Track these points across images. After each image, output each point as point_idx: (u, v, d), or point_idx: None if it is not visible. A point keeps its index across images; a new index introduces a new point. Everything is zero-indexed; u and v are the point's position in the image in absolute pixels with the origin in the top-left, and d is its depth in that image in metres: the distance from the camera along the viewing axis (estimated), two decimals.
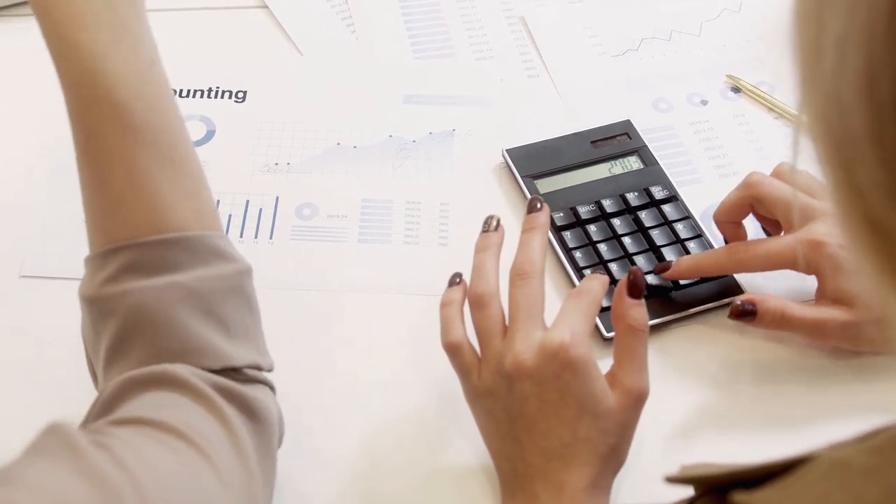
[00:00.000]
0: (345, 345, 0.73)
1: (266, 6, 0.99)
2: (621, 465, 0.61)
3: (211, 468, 0.49)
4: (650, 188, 0.80)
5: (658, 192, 0.79)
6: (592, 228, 0.77)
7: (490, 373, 0.60)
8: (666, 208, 0.79)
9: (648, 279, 0.73)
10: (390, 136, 0.88)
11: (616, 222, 0.78)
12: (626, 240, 0.77)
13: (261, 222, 0.81)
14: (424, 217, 0.81)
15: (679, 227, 0.77)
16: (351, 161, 0.86)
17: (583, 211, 0.78)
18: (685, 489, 0.46)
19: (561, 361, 0.58)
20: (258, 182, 0.84)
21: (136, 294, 0.53)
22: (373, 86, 0.92)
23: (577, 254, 0.76)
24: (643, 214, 0.78)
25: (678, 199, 0.80)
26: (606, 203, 0.79)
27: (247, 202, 0.82)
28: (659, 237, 0.77)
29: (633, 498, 0.64)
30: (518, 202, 0.81)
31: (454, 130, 0.88)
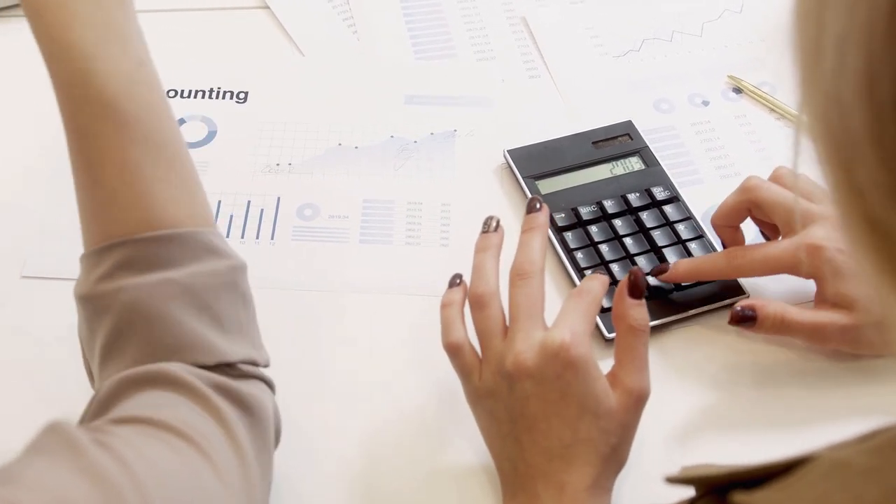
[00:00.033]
0: (346, 345, 0.73)
1: (267, 7, 0.99)
2: (622, 466, 0.61)
3: (211, 467, 0.49)
4: (651, 189, 0.80)
5: (659, 193, 0.79)
6: (594, 229, 0.77)
7: (491, 373, 0.60)
8: (667, 209, 0.79)
9: (649, 280, 0.73)
10: (392, 137, 0.88)
11: (617, 223, 0.78)
12: (628, 240, 0.77)
13: (262, 223, 0.81)
14: (426, 217, 0.81)
15: (680, 228, 0.77)
16: (352, 161, 0.86)
17: (584, 212, 0.78)
18: (686, 490, 0.46)
19: (562, 361, 0.58)
20: (259, 182, 0.84)
21: (130, 291, 0.53)
22: (374, 86, 0.92)
23: (579, 254, 0.76)
24: (644, 215, 0.78)
25: (679, 200, 0.79)
26: (608, 204, 0.79)
27: (248, 203, 0.82)
28: (660, 238, 0.77)
29: (634, 499, 0.64)
30: (519, 203, 0.81)
31: (455, 131, 0.88)
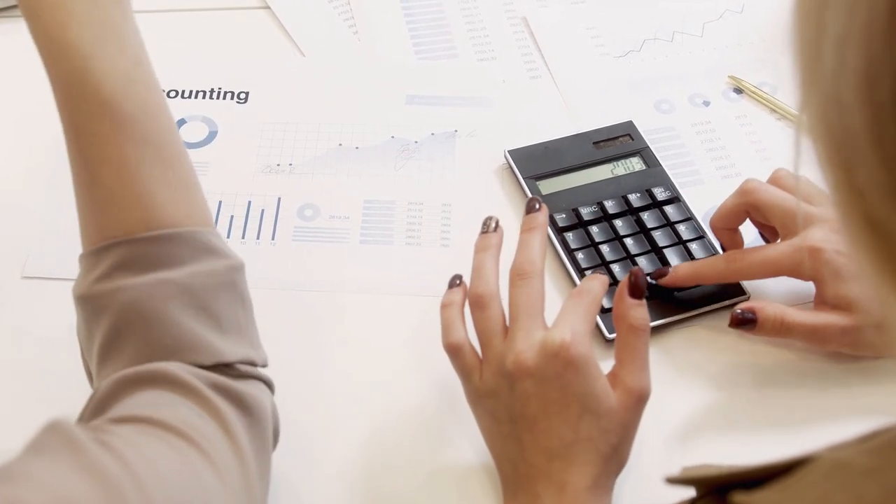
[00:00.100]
0: (346, 345, 0.73)
1: (268, 7, 0.99)
2: (623, 466, 0.61)
3: (210, 466, 0.49)
4: (652, 189, 0.80)
5: (660, 194, 0.79)
6: (594, 230, 0.77)
7: (491, 373, 0.60)
8: (668, 209, 0.78)
9: (650, 280, 0.73)
10: (392, 137, 0.88)
11: (618, 223, 0.78)
12: (629, 241, 0.77)
13: (263, 223, 0.81)
14: (426, 218, 0.81)
15: (681, 229, 0.77)
16: (353, 162, 0.86)
17: (585, 212, 0.78)
18: (687, 490, 0.46)
19: (562, 360, 0.58)
20: (260, 183, 0.84)
21: (128, 291, 0.53)
22: (375, 86, 0.92)
23: (580, 255, 0.76)
24: (645, 216, 0.78)
25: (680, 201, 0.79)
26: (608, 204, 0.78)
27: (249, 203, 0.82)
28: (661, 238, 0.77)
29: (635, 499, 0.64)
30: (520, 203, 0.81)
31: (456, 131, 0.88)
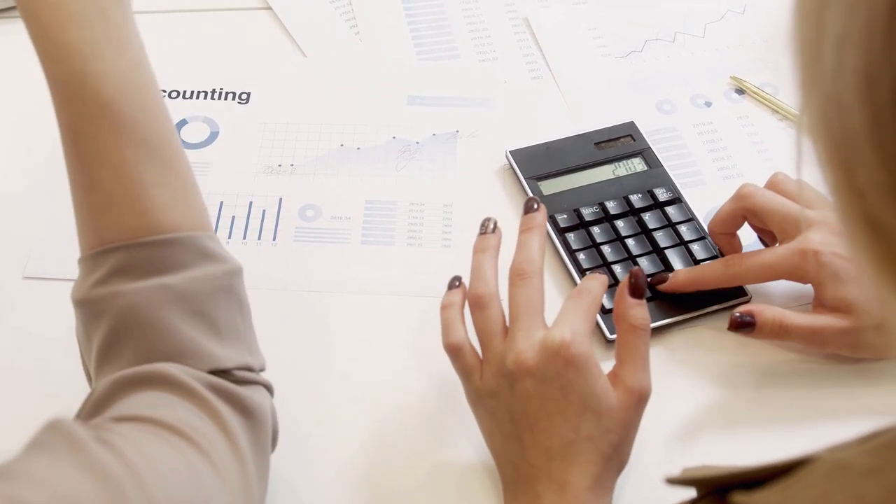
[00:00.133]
0: (347, 346, 0.73)
1: (269, 8, 0.99)
2: (623, 466, 0.60)
3: (210, 465, 0.49)
4: (654, 190, 0.80)
5: (662, 194, 0.79)
6: (596, 230, 0.77)
7: (492, 373, 0.60)
8: (669, 210, 0.78)
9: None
10: (394, 138, 0.88)
11: (619, 224, 0.77)
12: (630, 242, 0.77)
13: (264, 224, 0.81)
14: (428, 218, 0.81)
15: (683, 229, 0.77)
16: (354, 162, 0.86)
17: (586, 213, 0.78)
18: (687, 490, 0.46)
19: (563, 359, 0.58)
20: (261, 183, 0.84)
21: (126, 296, 0.53)
22: (376, 87, 0.92)
23: (581, 255, 0.76)
24: (647, 216, 0.78)
25: (682, 201, 0.79)
26: (610, 205, 0.78)
27: (250, 203, 0.82)
28: (662, 239, 0.77)
29: (635, 499, 0.64)
30: (521, 204, 0.81)
31: (458, 132, 0.88)
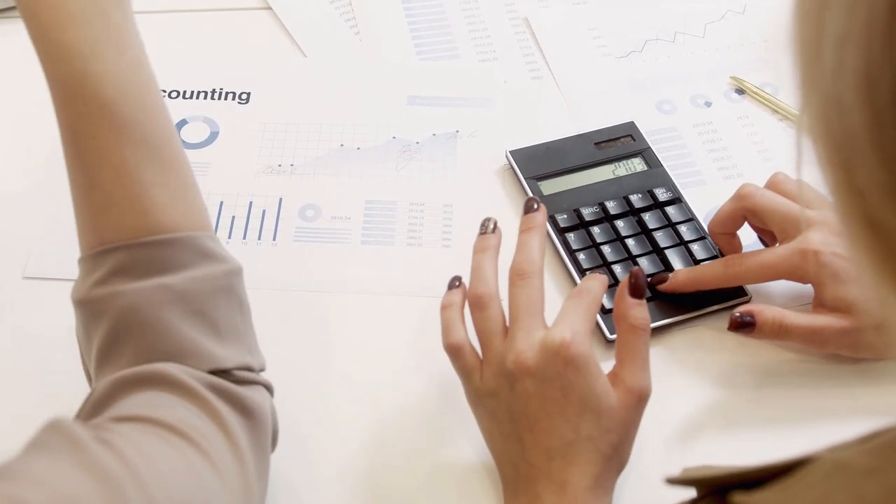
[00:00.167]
0: (347, 346, 0.73)
1: (269, 7, 0.99)
2: (623, 466, 0.60)
3: (210, 465, 0.49)
4: (654, 190, 0.80)
5: (662, 194, 0.79)
6: (596, 230, 0.77)
7: (492, 373, 0.60)
8: (669, 210, 0.78)
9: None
10: (394, 138, 0.88)
11: (619, 224, 0.77)
12: (630, 242, 0.77)
13: (264, 224, 0.81)
14: (428, 218, 0.81)
15: (683, 229, 0.77)
16: (354, 162, 0.86)
17: (586, 213, 0.78)
18: (687, 490, 0.46)
19: (563, 359, 0.58)
20: (261, 183, 0.84)
21: (126, 296, 0.53)
22: (376, 87, 0.92)
23: (581, 255, 0.76)
24: (647, 216, 0.78)
25: (682, 201, 0.79)
26: (610, 205, 0.78)
27: (250, 203, 0.82)
28: (662, 239, 0.77)
29: (635, 500, 0.64)
30: (521, 204, 0.81)
31: (458, 132, 0.88)
